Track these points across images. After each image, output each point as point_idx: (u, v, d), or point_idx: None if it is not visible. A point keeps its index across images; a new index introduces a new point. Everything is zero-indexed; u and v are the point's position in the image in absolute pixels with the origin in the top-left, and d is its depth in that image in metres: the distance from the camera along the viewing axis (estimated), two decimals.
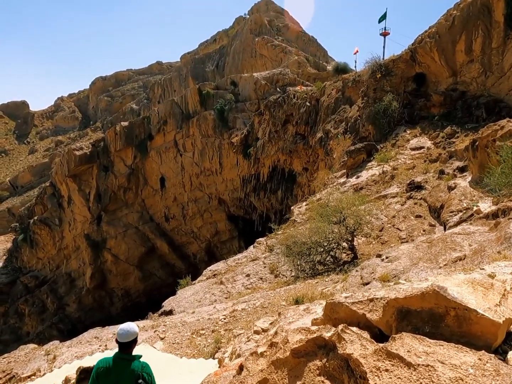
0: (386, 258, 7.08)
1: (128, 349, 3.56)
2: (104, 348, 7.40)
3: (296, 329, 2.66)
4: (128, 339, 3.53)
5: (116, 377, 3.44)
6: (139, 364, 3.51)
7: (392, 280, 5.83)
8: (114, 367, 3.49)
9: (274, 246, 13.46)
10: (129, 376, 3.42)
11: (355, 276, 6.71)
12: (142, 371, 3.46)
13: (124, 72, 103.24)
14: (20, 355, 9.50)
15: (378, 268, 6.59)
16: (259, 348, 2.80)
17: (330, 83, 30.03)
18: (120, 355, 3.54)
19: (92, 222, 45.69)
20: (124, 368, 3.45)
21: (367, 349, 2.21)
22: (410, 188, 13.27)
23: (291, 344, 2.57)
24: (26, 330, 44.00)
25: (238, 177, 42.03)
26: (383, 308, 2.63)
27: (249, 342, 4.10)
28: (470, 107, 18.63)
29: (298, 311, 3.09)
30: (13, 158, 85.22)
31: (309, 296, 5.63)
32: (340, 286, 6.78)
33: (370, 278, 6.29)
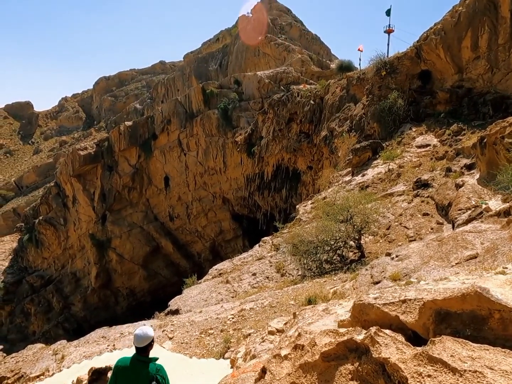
0: (396, 257, 7.01)
1: (145, 352, 3.73)
2: (112, 348, 7.38)
3: (323, 332, 2.57)
4: (144, 343, 3.70)
5: (133, 377, 3.63)
6: (154, 366, 3.67)
7: (403, 279, 5.77)
8: (132, 367, 3.67)
9: (280, 245, 13.40)
10: (145, 377, 3.59)
11: (364, 275, 6.65)
12: (157, 373, 3.62)
13: (127, 72, 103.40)
14: (28, 354, 9.52)
15: (388, 267, 6.53)
16: (282, 350, 2.72)
17: (334, 81, 29.89)
18: (137, 357, 3.72)
19: (97, 221, 45.85)
20: (141, 369, 3.63)
21: (404, 353, 2.13)
22: (417, 186, 13.17)
23: (320, 347, 2.47)
24: (32, 329, 44.28)
25: (242, 176, 42.00)
26: (419, 310, 2.53)
27: (263, 342, 4.04)
28: (476, 104, 18.47)
29: (316, 312, 3.01)
30: (18, 159, 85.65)
31: (322, 296, 5.57)
32: (349, 285, 6.73)
33: (381, 277, 6.23)
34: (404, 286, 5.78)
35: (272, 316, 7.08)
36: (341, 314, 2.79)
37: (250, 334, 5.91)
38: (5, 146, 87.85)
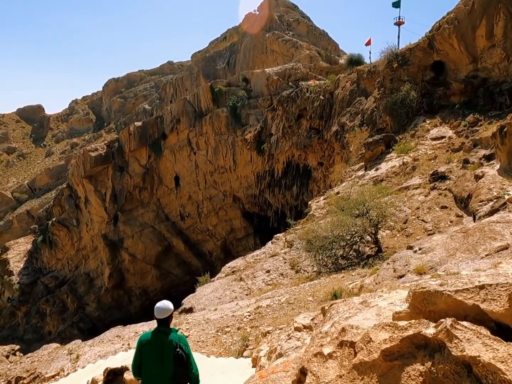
0: (419, 250, 6.74)
1: (166, 323, 3.99)
2: (127, 347, 7.26)
3: (378, 326, 2.25)
4: (165, 315, 3.97)
5: (157, 348, 3.87)
6: (176, 335, 3.96)
7: (429, 272, 5.52)
8: (155, 339, 3.92)
9: (293, 241, 13.18)
10: (169, 346, 3.84)
11: (386, 269, 6.40)
12: (179, 341, 3.88)
13: (136, 73, 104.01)
14: (43, 354, 9.49)
15: (412, 260, 6.27)
16: (324, 348, 2.43)
17: (344, 76, 29.47)
18: (159, 329, 3.97)
19: (109, 222, 46.19)
20: (164, 339, 3.88)
21: (497, 350, 1.78)
22: (434, 179, 12.82)
23: (378, 344, 2.14)
24: (48, 329, 44.84)
25: (252, 173, 41.81)
26: (508, 297, 2.15)
27: (290, 340, 3.82)
28: (492, 94, 17.95)
29: (352, 305, 2.78)
30: (30, 161, 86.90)
31: (347, 290, 5.36)
32: (369, 280, 6.49)
33: (405, 271, 5.98)
34: (417, 279, 5.55)
35: (290, 313, 6.89)
36: (383, 307, 2.53)
37: (269, 332, 5.71)
38: (18, 149, 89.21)
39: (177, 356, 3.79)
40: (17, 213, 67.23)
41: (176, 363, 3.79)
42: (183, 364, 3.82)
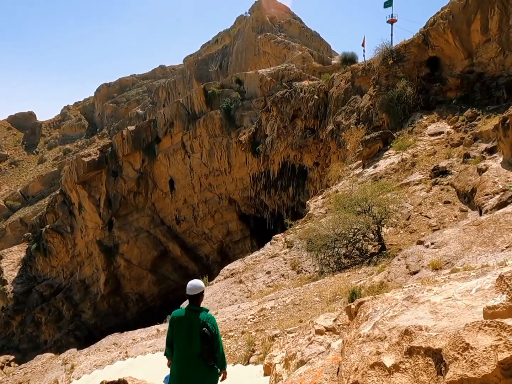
0: (431, 244, 6.47)
1: (196, 301, 4.14)
2: (124, 355, 6.87)
3: (472, 326, 1.69)
4: (196, 292, 4.12)
5: (187, 325, 4.02)
6: (205, 315, 4.06)
7: (445, 267, 5.25)
8: (185, 316, 4.08)
9: (293, 241, 12.87)
10: (196, 324, 3.98)
11: (398, 266, 6.11)
12: (207, 321, 3.99)
13: (128, 77, 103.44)
14: (37, 365, 9.07)
15: (425, 255, 6.00)
16: (384, 357, 1.97)
17: (338, 74, 29.33)
18: (190, 307, 4.13)
19: (103, 228, 45.58)
20: (193, 317, 4.02)
21: None
22: (435, 174, 12.60)
23: (485, 352, 1.55)
24: (44, 338, 44.05)
25: (247, 175, 41.51)
26: None
27: (312, 344, 3.46)
28: (489, 88, 17.85)
29: (393, 302, 2.43)
30: (23, 169, 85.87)
31: (366, 288, 5.06)
32: (377, 278, 6.20)
33: (418, 267, 5.70)
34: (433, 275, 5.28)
35: (297, 314, 6.57)
36: (439, 303, 2.17)
37: (276, 335, 5.39)
38: (10, 157, 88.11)
39: (202, 335, 3.90)
40: (10, 221, 66.24)
41: (202, 341, 3.91)
42: (209, 343, 3.93)
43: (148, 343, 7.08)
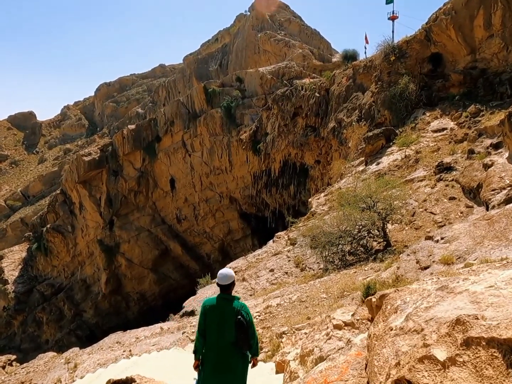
0: (441, 239, 6.36)
1: (228, 290, 4.13)
2: (128, 353, 6.77)
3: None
4: (227, 281, 4.11)
5: (220, 313, 4.02)
6: (239, 303, 4.08)
7: (457, 261, 5.15)
8: (218, 305, 4.08)
9: (297, 238, 12.77)
10: (231, 312, 3.99)
11: (408, 261, 6.01)
12: (241, 309, 4.02)
13: (127, 77, 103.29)
14: (39, 364, 8.97)
15: (436, 250, 5.89)
16: (434, 349, 1.80)
17: (339, 71, 29.19)
18: (222, 295, 4.12)
19: (104, 227, 45.49)
20: (226, 306, 4.03)
21: None
22: (439, 170, 12.49)
23: None
24: (45, 338, 44.01)
25: (248, 174, 41.39)
26: None
27: (330, 340, 3.35)
28: (492, 84, 17.73)
29: (423, 293, 2.30)
30: (23, 169, 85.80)
31: (381, 282, 4.95)
32: (386, 274, 6.09)
33: (429, 262, 5.60)
34: (445, 270, 5.17)
35: (304, 311, 6.46)
36: (480, 292, 2.00)
37: (284, 333, 5.28)
38: (10, 157, 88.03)
39: (237, 323, 3.91)
40: (11, 221, 66.17)
41: (237, 329, 3.92)
42: (244, 330, 3.94)
43: (152, 341, 6.98)
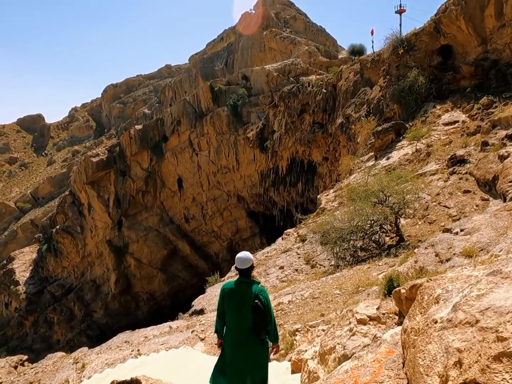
0: (461, 231, 6.10)
1: (247, 273, 4.06)
2: (137, 353, 6.63)
3: None
4: (246, 265, 4.03)
5: (239, 297, 3.95)
6: (258, 287, 3.98)
7: (480, 254, 4.91)
8: (237, 289, 4.00)
9: (306, 235, 12.54)
10: (249, 297, 3.90)
11: (426, 254, 5.77)
12: (259, 293, 3.91)
13: (134, 78, 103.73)
14: (48, 364, 8.89)
15: (456, 242, 5.64)
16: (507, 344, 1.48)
17: (346, 67, 28.81)
18: (241, 279, 4.05)
19: (113, 227, 45.68)
20: (245, 289, 3.95)
21: None
22: (452, 163, 12.15)
23: None
24: (56, 338, 44.36)
25: (256, 172, 41.19)
26: None
27: (354, 336, 3.11)
28: (505, 75, 17.27)
29: (469, 280, 2.06)
30: (32, 171, 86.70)
31: (405, 274, 4.72)
32: (402, 269, 5.85)
33: (450, 254, 5.35)
34: (467, 263, 4.93)
35: (317, 308, 6.26)
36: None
37: (298, 330, 5.08)
38: (19, 159, 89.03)
39: (254, 307, 3.84)
40: (21, 223, 66.93)
41: (254, 313, 3.85)
42: (261, 315, 3.87)
43: (161, 340, 6.84)
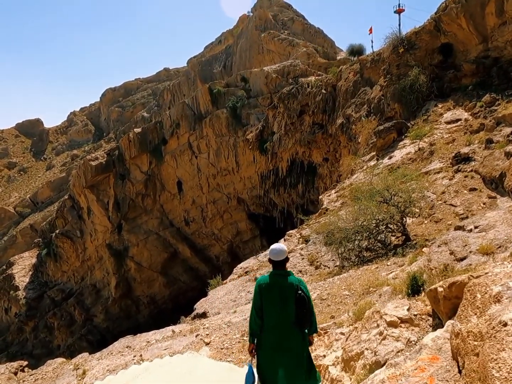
0: (475, 228, 5.93)
1: (283, 266, 3.94)
2: (139, 358, 6.43)
3: None
4: (282, 257, 3.92)
5: (277, 290, 3.78)
6: (295, 278, 3.89)
7: (498, 251, 4.73)
8: (274, 282, 3.84)
9: (310, 236, 12.36)
10: (289, 288, 3.76)
11: (439, 252, 5.59)
12: (299, 284, 3.80)
13: (132, 81, 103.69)
14: (47, 371, 8.67)
15: (471, 240, 5.47)
16: None
17: (346, 67, 28.73)
18: (276, 272, 3.91)
19: (112, 231, 45.43)
20: (284, 282, 3.81)
21: None
22: (457, 161, 12.00)
23: None
24: (57, 343, 44.02)
25: (256, 174, 41.04)
26: None
27: (385, 340, 2.85)
28: (507, 72, 17.17)
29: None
30: (31, 175, 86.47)
31: (428, 273, 4.54)
32: (412, 268, 5.67)
33: (465, 252, 5.18)
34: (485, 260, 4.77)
35: (326, 310, 6.08)
36: None
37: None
38: (18, 164, 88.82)
39: (299, 299, 3.71)
40: (20, 228, 66.66)
41: (297, 305, 3.72)
42: (305, 306, 3.75)
43: (164, 345, 6.64)
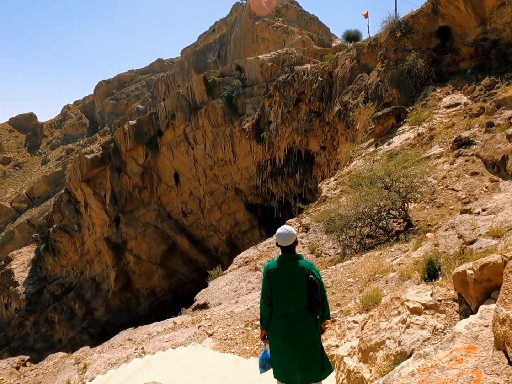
0: (483, 211, 5.81)
1: (292, 249, 3.72)
2: (141, 351, 6.33)
3: None
4: (290, 241, 3.68)
5: (288, 275, 3.61)
6: (306, 262, 3.70)
7: (509, 233, 4.61)
8: (284, 266, 3.65)
9: (310, 224, 12.25)
10: (300, 272, 3.58)
11: (447, 236, 5.47)
12: (311, 268, 3.63)
13: (126, 73, 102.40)
14: (48, 365, 8.58)
15: (479, 223, 5.35)
16: None
17: (342, 53, 28.34)
18: (286, 255, 3.70)
19: (110, 224, 45.25)
20: (294, 266, 3.62)
21: None
22: (457, 145, 11.85)
23: None
24: (58, 337, 44.16)
25: (253, 164, 40.79)
26: None
27: (409, 329, 2.67)
28: (506, 55, 16.92)
29: None
30: (27, 170, 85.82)
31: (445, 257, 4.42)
32: (417, 254, 5.56)
33: (474, 235, 5.06)
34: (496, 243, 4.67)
35: (331, 298, 5.95)
36: None
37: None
38: (13, 159, 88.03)
39: (311, 283, 3.54)
40: (17, 223, 66.36)
41: (309, 290, 3.56)
42: (317, 291, 3.59)
43: (166, 337, 6.53)
